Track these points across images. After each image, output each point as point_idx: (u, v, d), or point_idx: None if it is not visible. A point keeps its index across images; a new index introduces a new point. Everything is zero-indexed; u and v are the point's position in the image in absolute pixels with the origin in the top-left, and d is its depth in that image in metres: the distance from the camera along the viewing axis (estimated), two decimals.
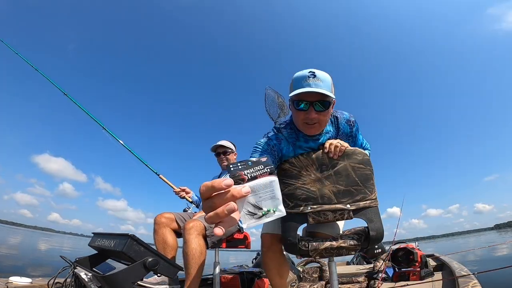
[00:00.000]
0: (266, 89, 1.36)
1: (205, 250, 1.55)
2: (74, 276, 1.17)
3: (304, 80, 1.02)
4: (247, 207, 0.35)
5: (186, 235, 1.53)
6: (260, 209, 0.36)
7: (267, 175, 0.37)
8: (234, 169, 0.37)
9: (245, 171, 0.37)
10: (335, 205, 1.00)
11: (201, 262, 1.49)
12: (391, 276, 2.12)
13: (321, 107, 1.04)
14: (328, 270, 1.13)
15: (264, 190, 0.36)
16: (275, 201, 0.37)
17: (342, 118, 1.22)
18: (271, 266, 1.25)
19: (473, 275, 1.66)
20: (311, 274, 2.57)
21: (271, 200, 0.37)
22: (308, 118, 1.06)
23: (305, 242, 1.02)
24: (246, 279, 2.15)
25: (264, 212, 0.36)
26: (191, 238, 1.51)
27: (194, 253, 1.48)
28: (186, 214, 1.95)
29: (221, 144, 2.17)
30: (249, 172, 0.37)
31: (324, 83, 1.02)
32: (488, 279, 1.73)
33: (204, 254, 1.54)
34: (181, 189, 2.17)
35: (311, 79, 1.01)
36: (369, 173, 1.02)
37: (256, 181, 0.36)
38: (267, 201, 0.37)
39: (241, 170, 0.37)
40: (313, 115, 1.05)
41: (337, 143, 1.06)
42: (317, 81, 1.01)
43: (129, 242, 1.05)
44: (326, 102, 1.04)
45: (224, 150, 2.18)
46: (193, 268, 1.45)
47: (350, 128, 1.22)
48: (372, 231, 0.97)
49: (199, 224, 1.57)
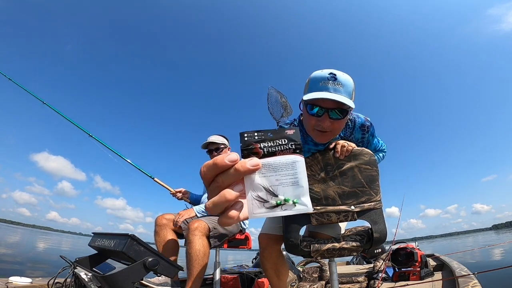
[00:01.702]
0: (269, 88, 1.35)
1: (208, 251, 1.54)
2: (74, 276, 1.17)
3: (322, 82, 0.92)
4: (257, 191, 0.25)
5: (190, 235, 1.52)
6: (275, 196, 0.26)
7: (290, 153, 0.27)
8: (248, 138, 0.27)
9: (262, 144, 0.27)
10: (339, 207, 0.99)
11: (204, 264, 1.48)
12: (391, 276, 2.12)
13: (338, 115, 0.94)
14: (328, 270, 1.13)
15: (284, 172, 0.26)
16: (298, 189, 0.26)
17: (357, 122, 1.13)
18: (268, 267, 1.25)
19: (473, 275, 1.65)
20: (311, 274, 2.57)
21: (293, 187, 0.26)
22: (320, 125, 0.97)
23: (307, 243, 1.01)
24: (246, 279, 2.15)
25: (280, 202, 0.26)
26: (195, 239, 1.50)
27: (197, 254, 1.47)
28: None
29: (212, 140, 2.01)
30: (266, 146, 0.27)
31: (344, 88, 0.92)
32: (488, 279, 1.74)
33: (208, 256, 1.53)
34: (177, 191, 2.13)
35: (330, 82, 0.91)
36: (375, 174, 1.00)
37: (273, 158, 0.26)
38: (287, 187, 0.26)
39: (257, 141, 0.27)
40: (326, 123, 0.95)
41: (344, 143, 1.01)
42: (337, 85, 0.91)
43: (129, 242, 1.05)
44: (343, 110, 0.94)
45: (216, 147, 2.02)
46: (196, 269, 1.44)
47: (363, 133, 1.14)
48: (375, 233, 0.96)
49: (203, 225, 1.57)
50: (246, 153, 0.26)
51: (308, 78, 1.00)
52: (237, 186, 0.25)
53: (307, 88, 0.98)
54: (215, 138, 2.04)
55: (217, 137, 2.06)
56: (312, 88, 0.95)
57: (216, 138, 2.05)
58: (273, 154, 0.27)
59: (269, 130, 0.28)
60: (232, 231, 1.75)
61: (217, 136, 2.08)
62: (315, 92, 0.93)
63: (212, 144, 2.03)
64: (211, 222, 1.61)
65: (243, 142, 0.27)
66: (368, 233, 1.00)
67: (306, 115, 1.02)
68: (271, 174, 0.26)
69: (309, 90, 0.96)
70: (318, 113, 0.95)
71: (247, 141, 0.27)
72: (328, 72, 0.93)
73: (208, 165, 0.25)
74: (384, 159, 1.38)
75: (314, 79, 0.96)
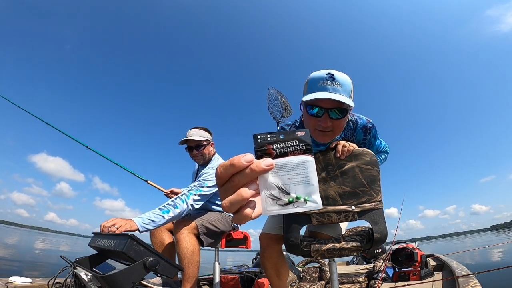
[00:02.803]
0: (269, 89, 1.35)
1: (197, 248, 1.53)
2: (74, 276, 1.16)
3: (321, 82, 0.93)
4: (271, 189, 0.28)
5: (176, 234, 1.52)
6: (287, 194, 0.28)
7: (301, 153, 0.29)
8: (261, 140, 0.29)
9: (274, 145, 0.29)
10: (339, 207, 0.99)
11: (194, 261, 1.47)
12: (391, 276, 2.12)
13: (338, 114, 0.95)
14: (328, 270, 1.13)
15: (295, 171, 0.28)
16: (309, 188, 0.28)
17: (359, 124, 1.13)
18: (268, 266, 1.25)
19: (473, 275, 1.66)
20: (311, 274, 2.57)
21: (304, 185, 0.28)
22: (321, 126, 0.98)
23: (307, 243, 1.02)
24: (246, 279, 2.14)
25: (292, 199, 0.28)
26: (181, 237, 1.49)
27: (185, 252, 1.46)
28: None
29: (192, 137, 1.74)
30: (278, 147, 0.29)
31: (343, 87, 0.93)
32: (488, 279, 1.74)
33: (197, 253, 1.51)
34: (170, 191, 2.07)
35: (328, 82, 0.92)
36: (376, 174, 1.00)
37: (286, 158, 0.29)
38: (298, 186, 0.28)
39: (270, 143, 0.29)
40: (327, 123, 0.96)
41: (345, 143, 1.01)
42: (335, 85, 0.91)
43: (129, 242, 1.05)
44: (343, 110, 0.95)
45: (197, 144, 1.75)
46: (187, 267, 1.44)
47: (365, 135, 1.15)
48: (376, 233, 0.96)
49: (190, 223, 1.55)
50: (260, 154, 0.28)
51: (306, 79, 1.01)
52: (252, 185, 0.27)
53: (306, 89, 0.99)
54: (195, 132, 1.78)
55: (198, 131, 1.79)
56: (311, 89, 0.96)
57: (197, 132, 1.78)
58: (285, 154, 0.29)
59: (281, 132, 0.30)
60: (223, 229, 1.72)
61: (197, 129, 1.81)
62: (314, 93, 0.93)
63: (192, 141, 1.76)
64: (198, 220, 1.59)
65: (257, 144, 0.29)
66: (369, 233, 1.00)
67: (306, 116, 1.03)
68: (284, 173, 0.28)
69: (308, 91, 0.96)
70: (318, 114, 0.96)
71: (260, 143, 0.29)
72: (326, 72, 0.94)
73: (225, 166, 0.26)
74: (387, 160, 1.38)
75: (313, 80, 0.96)
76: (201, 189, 1.64)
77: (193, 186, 1.65)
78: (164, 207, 1.48)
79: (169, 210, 1.47)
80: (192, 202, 1.57)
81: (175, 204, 1.50)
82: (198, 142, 1.75)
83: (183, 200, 1.54)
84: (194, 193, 1.60)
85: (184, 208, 1.52)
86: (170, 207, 1.48)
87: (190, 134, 1.77)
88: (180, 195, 1.57)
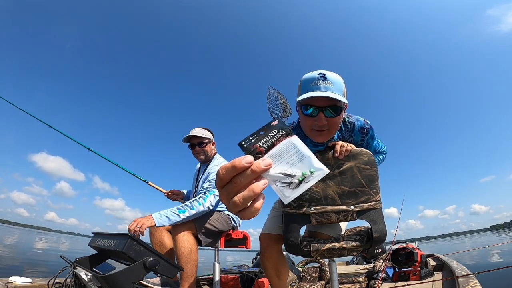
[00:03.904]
0: (269, 89, 1.35)
1: (195, 248, 1.55)
2: (74, 276, 1.16)
3: (313, 82, 0.95)
4: (279, 180, 0.30)
5: (174, 233, 1.54)
6: (293, 176, 0.30)
7: (284, 138, 0.32)
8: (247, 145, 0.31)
9: (260, 142, 0.31)
10: (338, 206, 0.99)
11: (191, 260, 1.49)
12: (391, 276, 2.12)
13: (332, 113, 0.96)
14: (328, 270, 1.13)
15: (288, 154, 0.31)
16: (306, 160, 0.31)
17: (357, 125, 1.15)
18: (268, 266, 1.25)
19: (473, 275, 1.66)
20: (311, 274, 2.57)
21: (301, 161, 0.31)
22: (317, 125, 0.99)
23: (307, 243, 1.02)
24: (246, 279, 2.14)
25: (301, 178, 0.30)
26: (179, 237, 1.51)
27: (183, 251, 1.48)
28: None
29: (195, 134, 1.83)
30: (264, 142, 0.31)
31: (335, 86, 0.95)
32: (488, 279, 1.74)
33: (195, 252, 1.53)
34: (170, 192, 2.12)
35: (321, 82, 0.94)
36: (374, 174, 1.01)
37: (275, 148, 0.31)
38: (297, 164, 0.31)
39: (255, 143, 0.31)
40: (322, 122, 0.97)
41: (343, 143, 1.03)
42: (327, 84, 0.93)
43: (129, 242, 1.05)
44: (337, 107, 0.96)
45: (200, 141, 1.84)
46: (184, 267, 1.45)
47: (362, 136, 1.16)
48: (375, 233, 0.96)
49: (187, 222, 1.57)
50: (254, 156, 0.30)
51: (299, 81, 1.03)
52: (262, 180, 0.28)
53: (300, 90, 1.01)
54: (198, 131, 1.86)
55: (200, 130, 1.88)
56: (304, 89, 0.98)
57: (200, 131, 1.86)
58: (272, 146, 0.31)
59: (259, 129, 0.33)
60: (222, 228, 1.73)
61: (200, 129, 1.89)
62: (308, 93, 0.95)
63: (195, 138, 1.85)
64: (196, 219, 1.61)
65: (245, 149, 0.31)
66: (368, 233, 1.01)
67: (302, 117, 1.05)
68: (280, 160, 0.31)
69: (302, 92, 0.98)
70: (313, 113, 0.98)
71: (247, 147, 0.31)
72: (317, 72, 0.96)
73: (226, 168, 0.28)
74: (385, 160, 1.39)
75: (305, 81, 0.98)
76: (214, 190, 1.70)
77: (206, 188, 1.70)
78: (182, 207, 1.55)
79: (185, 210, 1.54)
80: (209, 204, 1.64)
81: (192, 205, 1.57)
82: (201, 139, 1.85)
83: (199, 203, 1.60)
84: (210, 195, 1.67)
85: (201, 210, 1.59)
86: (187, 207, 1.56)
87: (194, 132, 1.85)
88: (197, 197, 1.64)
